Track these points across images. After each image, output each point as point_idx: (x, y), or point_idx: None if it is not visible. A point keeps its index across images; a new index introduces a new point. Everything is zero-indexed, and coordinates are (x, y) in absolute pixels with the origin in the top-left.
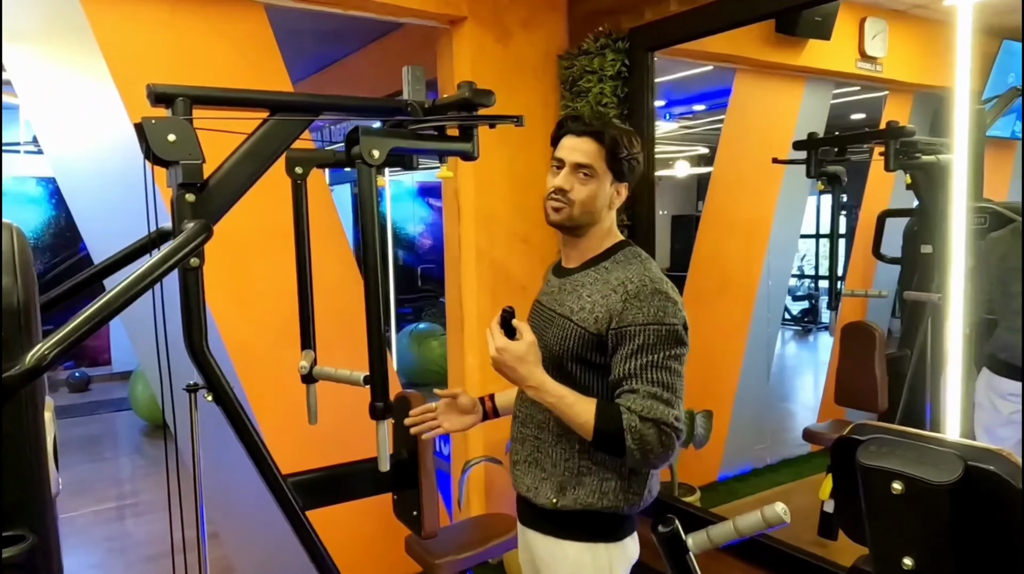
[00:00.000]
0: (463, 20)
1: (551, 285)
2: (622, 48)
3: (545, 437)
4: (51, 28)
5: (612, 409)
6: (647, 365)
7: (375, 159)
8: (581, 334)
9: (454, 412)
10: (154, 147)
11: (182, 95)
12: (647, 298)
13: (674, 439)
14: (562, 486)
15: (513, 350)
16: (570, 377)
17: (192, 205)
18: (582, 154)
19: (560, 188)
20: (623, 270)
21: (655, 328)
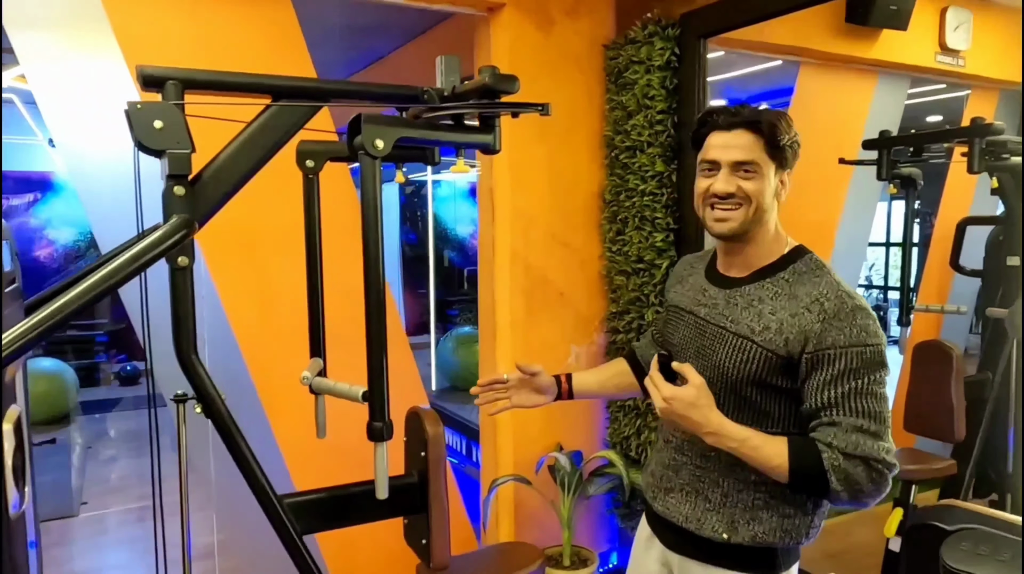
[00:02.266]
0: (502, 7)
1: (711, 296)
2: (672, 36)
3: (711, 467)
4: (64, 14)
5: (808, 447)
6: (849, 393)
7: (379, 150)
8: (767, 357)
9: (528, 389)
10: (139, 134)
11: (173, 78)
12: (847, 317)
13: (886, 475)
14: (733, 520)
15: (683, 397)
16: (747, 402)
17: (181, 199)
18: (739, 149)
19: (723, 193)
20: (811, 284)
21: (858, 351)
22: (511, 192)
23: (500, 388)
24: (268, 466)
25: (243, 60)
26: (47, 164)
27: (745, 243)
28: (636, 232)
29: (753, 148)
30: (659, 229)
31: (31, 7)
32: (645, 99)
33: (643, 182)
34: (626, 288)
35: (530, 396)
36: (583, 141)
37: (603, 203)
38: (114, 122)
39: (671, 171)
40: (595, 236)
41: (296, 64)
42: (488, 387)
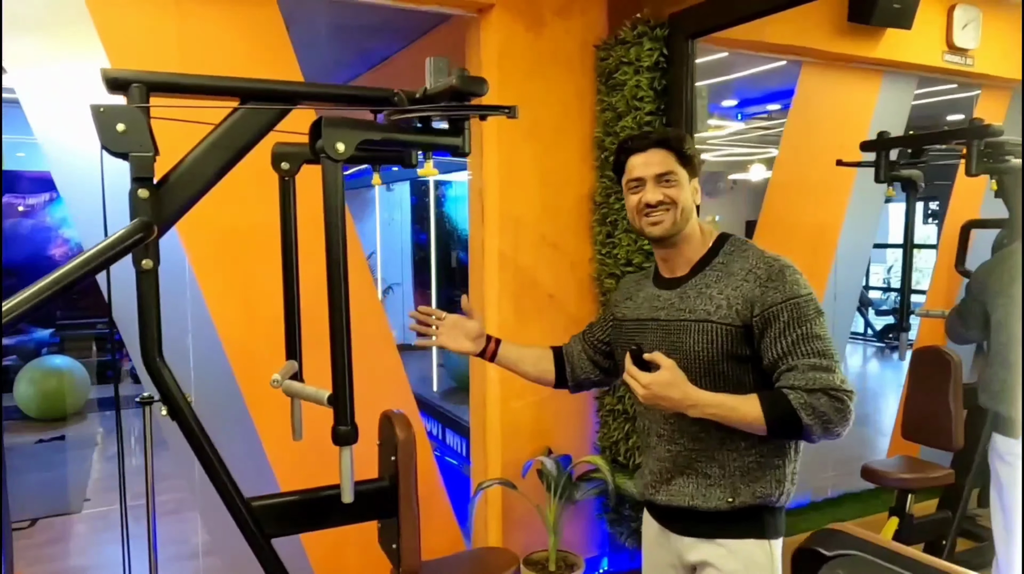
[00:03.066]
0: (491, 8)
1: (663, 299)
2: (660, 36)
3: (703, 446)
4: (49, 17)
5: (775, 394)
6: (798, 339)
7: (339, 153)
8: (728, 330)
9: (459, 331)
10: (102, 137)
11: (137, 81)
12: (778, 276)
13: (847, 402)
14: (735, 486)
15: (660, 380)
16: (723, 377)
17: (146, 202)
18: (658, 164)
19: (655, 201)
20: (742, 259)
21: (795, 302)
22: (499, 194)
23: (433, 321)
24: (253, 467)
25: (228, 63)
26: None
27: (678, 243)
28: (625, 235)
29: (668, 161)
30: None
31: (15, 8)
32: (634, 100)
33: None
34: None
35: (457, 339)
36: (574, 142)
37: (594, 205)
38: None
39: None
40: (586, 238)
41: (282, 67)
42: (423, 315)
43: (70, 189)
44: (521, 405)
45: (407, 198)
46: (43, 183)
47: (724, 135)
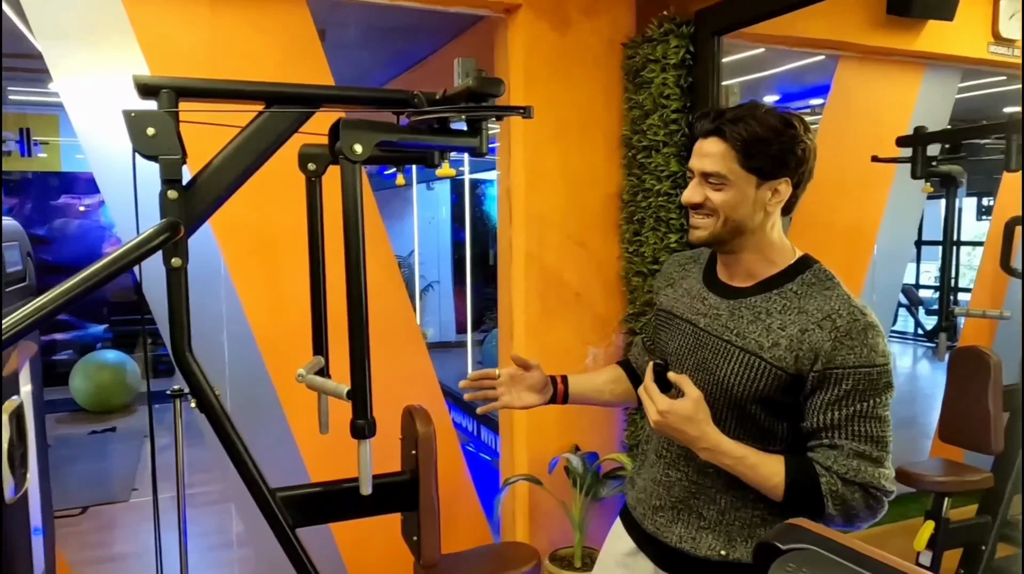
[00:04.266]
0: (517, 8)
1: (711, 305)
2: (686, 33)
3: (707, 483)
4: (90, 25)
5: (806, 470)
6: (853, 415)
7: (357, 155)
8: (776, 374)
9: (521, 386)
10: (133, 141)
11: (166, 87)
12: (859, 335)
13: (883, 501)
14: (731, 538)
15: (679, 410)
16: (751, 419)
17: (175, 203)
18: (709, 159)
19: (689, 203)
20: (822, 299)
21: (867, 371)
22: (525, 192)
23: (490, 384)
24: (284, 459)
25: (260, 68)
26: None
27: (737, 252)
28: (652, 233)
29: (723, 159)
30: (673, 230)
31: (60, 18)
32: (661, 98)
33: (659, 182)
34: (642, 289)
35: (522, 395)
36: (600, 141)
37: (621, 203)
38: None
39: (685, 171)
40: (613, 237)
41: (313, 71)
42: (477, 382)
43: (111, 191)
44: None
45: (447, 197)
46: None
47: None
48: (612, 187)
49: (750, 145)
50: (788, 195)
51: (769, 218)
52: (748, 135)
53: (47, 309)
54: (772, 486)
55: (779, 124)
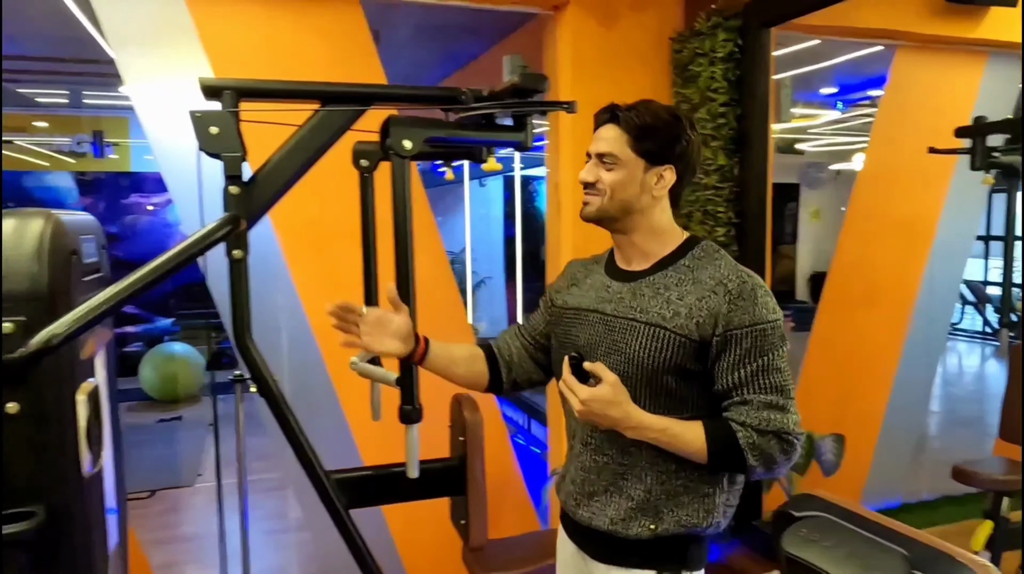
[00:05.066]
0: (566, 5)
1: (614, 291)
2: (734, 26)
3: (633, 462)
4: (158, 30)
5: (724, 428)
6: (757, 370)
7: (407, 150)
8: (682, 342)
9: (385, 331)
10: (199, 140)
11: (228, 88)
12: (750, 295)
13: (796, 445)
14: (658, 512)
15: (601, 396)
16: (665, 390)
17: (237, 197)
18: (604, 142)
19: (585, 181)
20: (713, 267)
21: (762, 328)
22: (574, 188)
23: (354, 319)
24: (339, 444)
25: (317, 67)
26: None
27: (628, 233)
28: (700, 226)
29: (616, 142)
30: (720, 223)
31: (131, 25)
32: (709, 92)
33: (706, 175)
34: None
35: (384, 339)
36: None
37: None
38: None
39: (733, 164)
40: None
41: (366, 70)
42: (341, 313)
43: (178, 188)
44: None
45: (499, 194)
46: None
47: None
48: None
49: (641, 130)
50: (672, 182)
51: (657, 203)
52: (639, 121)
53: (120, 297)
54: (696, 450)
55: (667, 116)
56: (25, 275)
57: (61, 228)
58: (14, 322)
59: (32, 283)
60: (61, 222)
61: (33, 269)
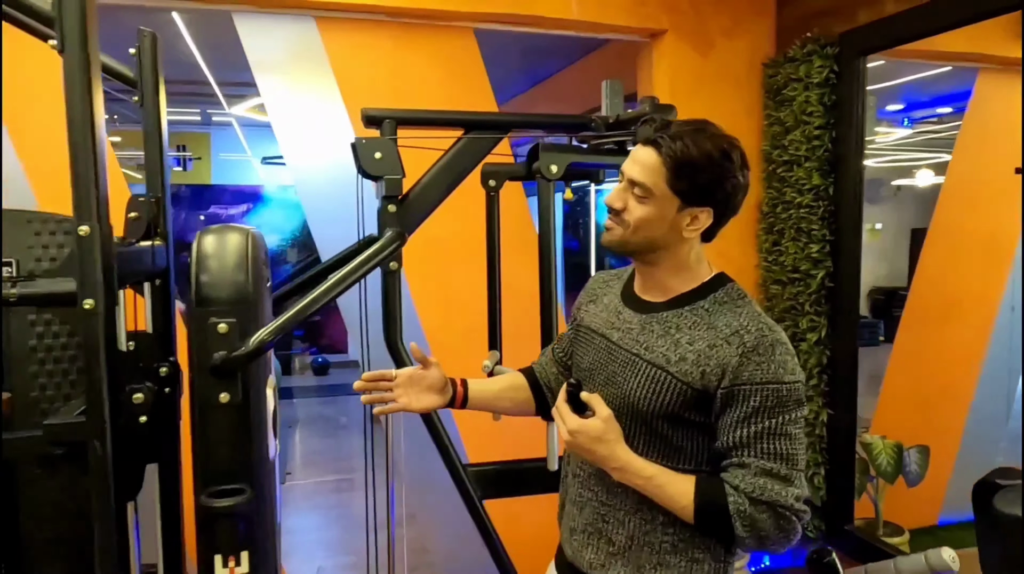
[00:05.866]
0: (663, 33)
1: (625, 319)
2: (830, 54)
3: (616, 504)
4: (295, 57)
5: (715, 488)
6: (762, 433)
7: (553, 174)
8: (681, 389)
9: (420, 387)
10: (363, 163)
11: (389, 117)
12: (767, 351)
13: (795, 523)
14: (640, 566)
15: (589, 430)
16: (658, 436)
17: (394, 215)
18: (639, 168)
19: (610, 206)
20: (732, 315)
21: (774, 388)
22: None
23: (386, 386)
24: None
25: (435, 94)
26: (257, 179)
27: (652, 265)
28: (792, 243)
29: (652, 172)
30: (815, 240)
31: (272, 53)
32: (803, 115)
33: (800, 194)
34: (781, 297)
35: (420, 396)
36: None
37: (760, 215)
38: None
39: (828, 184)
40: (751, 246)
41: (478, 95)
42: (373, 384)
43: (309, 199)
44: None
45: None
46: (241, 195)
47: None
48: (751, 199)
49: (681, 166)
50: (707, 225)
51: (686, 243)
52: (681, 156)
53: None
54: (682, 507)
55: (715, 153)
56: (231, 283)
57: (256, 242)
58: (228, 324)
59: (238, 291)
60: (255, 236)
61: (238, 278)
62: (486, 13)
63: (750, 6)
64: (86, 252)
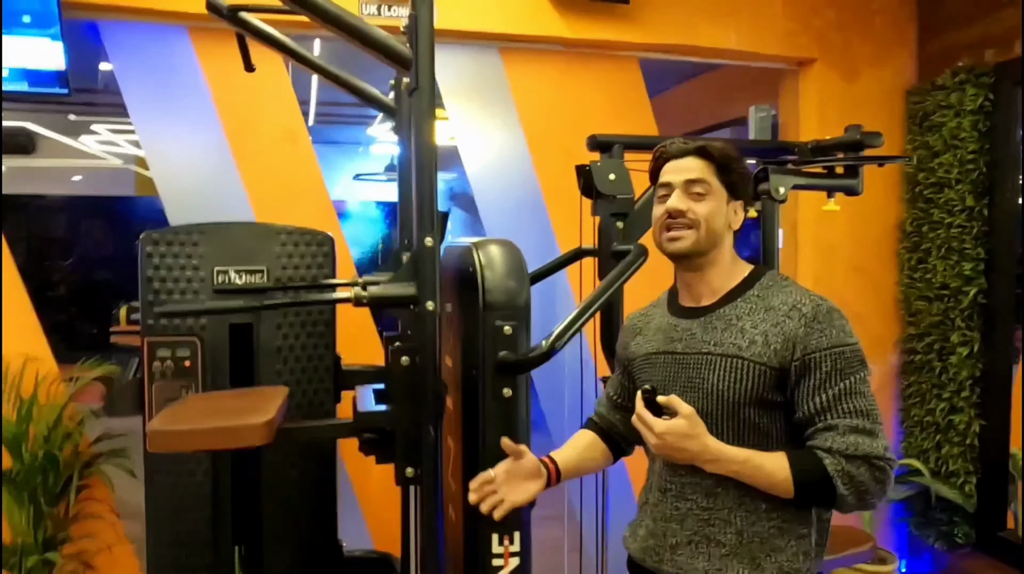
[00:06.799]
0: (812, 62)
1: (684, 329)
2: (986, 83)
3: (718, 505)
4: (480, 83)
5: (808, 457)
6: (840, 394)
7: (780, 195)
8: (762, 371)
9: (518, 479)
10: (598, 184)
11: (617, 142)
12: (825, 318)
13: (888, 472)
14: (754, 557)
15: (676, 429)
16: (748, 424)
17: (621, 230)
18: (690, 171)
19: (676, 210)
20: (784, 294)
21: (840, 350)
22: (815, 224)
23: (490, 489)
24: None
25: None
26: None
27: (704, 268)
28: (941, 261)
29: (704, 170)
30: (967, 259)
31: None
32: (954, 140)
33: (950, 215)
34: (928, 312)
35: (520, 487)
36: (881, 178)
37: (901, 234)
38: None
39: (981, 206)
40: (890, 263)
41: (643, 123)
42: (481, 491)
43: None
44: None
45: None
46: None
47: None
48: (891, 219)
49: (729, 160)
50: (743, 218)
51: (729, 238)
52: (722, 152)
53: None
54: (781, 481)
55: (738, 154)
56: (505, 290)
57: (519, 253)
58: (512, 327)
59: (513, 297)
60: (517, 248)
61: (511, 285)
62: (652, 44)
63: (894, 37)
64: (427, 260)
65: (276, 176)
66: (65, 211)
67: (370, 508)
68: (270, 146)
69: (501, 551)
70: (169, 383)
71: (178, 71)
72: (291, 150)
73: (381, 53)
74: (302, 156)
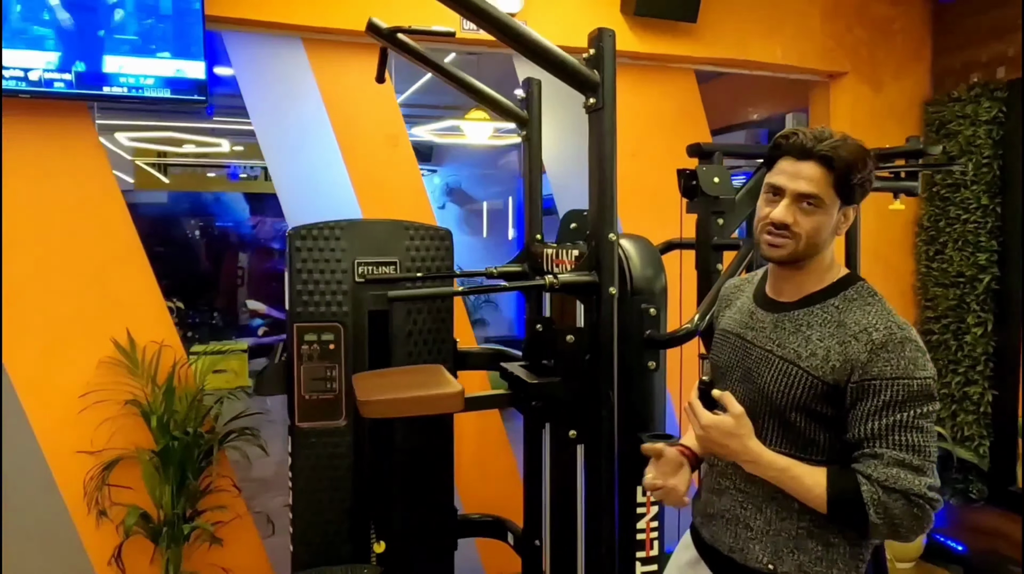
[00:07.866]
0: (844, 74)
1: (758, 319)
2: (1000, 97)
3: (754, 491)
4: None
5: (847, 478)
6: (894, 425)
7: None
8: (812, 383)
9: (667, 474)
10: (704, 186)
11: (717, 150)
12: (896, 348)
13: (928, 511)
14: (777, 550)
15: (722, 426)
16: (792, 429)
17: (719, 227)
18: (806, 181)
19: (781, 222)
20: (862, 313)
21: (905, 383)
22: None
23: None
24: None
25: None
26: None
27: (798, 270)
28: (957, 252)
29: (821, 182)
30: (982, 250)
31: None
32: (970, 146)
33: (965, 212)
34: (945, 298)
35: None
36: None
37: (919, 228)
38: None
39: (995, 204)
40: (908, 254)
41: (697, 130)
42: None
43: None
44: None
45: None
46: None
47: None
48: (909, 215)
49: (850, 168)
50: (852, 221)
51: (833, 241)
52: (847, 158)
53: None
54: (815, 496)
55: (866, 155)
56: (645, 278)
57: (653, 246)
58: (655, 309)
59: (653, 284)
60: (650, 242)
61: (648, 273)
62: (710, 58)
63: (912, 53)
64: (608, 252)
65: (380, 176)
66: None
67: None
68: (375, 149)
69: (644, 501)
70: (316, 364)
71: (292, 78)
72: (393, 152)
73: (570, 77)
74: (403, 157)
